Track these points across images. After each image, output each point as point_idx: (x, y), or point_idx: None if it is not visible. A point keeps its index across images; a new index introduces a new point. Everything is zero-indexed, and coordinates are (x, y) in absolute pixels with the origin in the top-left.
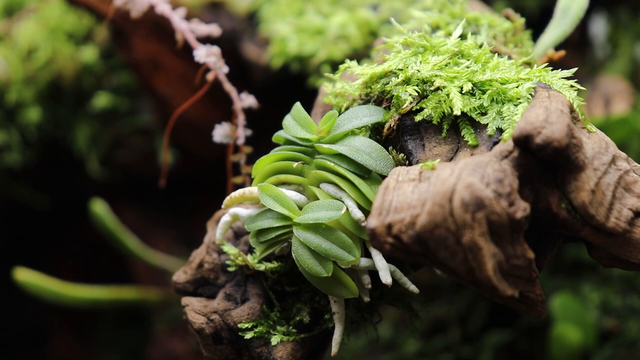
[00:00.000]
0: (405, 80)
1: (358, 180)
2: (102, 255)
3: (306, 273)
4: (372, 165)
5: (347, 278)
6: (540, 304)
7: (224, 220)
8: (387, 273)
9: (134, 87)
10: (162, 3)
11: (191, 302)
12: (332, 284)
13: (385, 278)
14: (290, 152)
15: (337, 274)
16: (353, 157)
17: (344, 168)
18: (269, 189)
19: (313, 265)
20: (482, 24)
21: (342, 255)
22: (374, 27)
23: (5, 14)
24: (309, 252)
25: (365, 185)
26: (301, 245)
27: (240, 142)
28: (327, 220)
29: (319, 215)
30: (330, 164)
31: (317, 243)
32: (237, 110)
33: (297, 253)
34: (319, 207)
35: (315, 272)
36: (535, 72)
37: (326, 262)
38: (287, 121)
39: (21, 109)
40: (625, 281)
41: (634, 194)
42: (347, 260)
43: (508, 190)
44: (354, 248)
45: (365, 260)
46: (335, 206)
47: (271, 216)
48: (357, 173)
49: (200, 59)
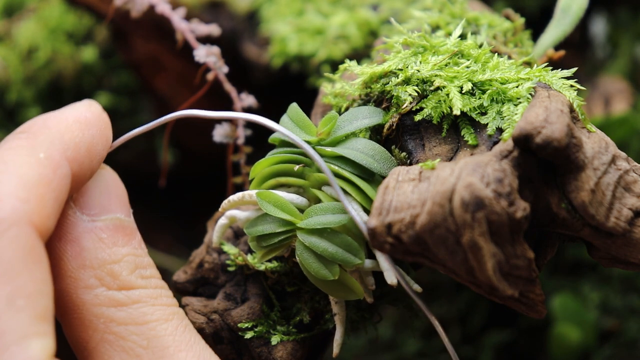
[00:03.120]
0: (405, 80)
1: (363, 183)
2: None
3: (312, 277)
4: (375, 167)
5: (353, 281)
6: (540, 304)
7: (221, 223)
8: (392, 274)
9: (134, 87)
10: (162, 3)
11: (191, 301)
12: (338, 287)
13: (390, 279)
14: (290, 155)
15: (343, 277)
16: (357, 160)
17: (348, 171)
18: (267, 195)
19: (319, 269)
20: (482, 24)
21: (348, 258)
22: (374, 26)
23: (5, 14)
24: (314, 256)
25: (370, 188)
26: (306, 249)
27: (241, 142)
28: (335, 225)
29: (325, 220)
30: (334, 167)
31: (323, 247)
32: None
33: (302, 257)
34: (323, 210)
35: (321, 275)
36: (535, 72)
37: (332, 266)
38: (285, 122)
39: (21, 109)
40: (625, 281)
41: (633, 194)
42: (353, 263)
43: (508, 190)
44: (359, 251)
45: (370, 261)
46: (340, 209)
47: (272, 221)
48: (361, 176)
49: (200, 58)
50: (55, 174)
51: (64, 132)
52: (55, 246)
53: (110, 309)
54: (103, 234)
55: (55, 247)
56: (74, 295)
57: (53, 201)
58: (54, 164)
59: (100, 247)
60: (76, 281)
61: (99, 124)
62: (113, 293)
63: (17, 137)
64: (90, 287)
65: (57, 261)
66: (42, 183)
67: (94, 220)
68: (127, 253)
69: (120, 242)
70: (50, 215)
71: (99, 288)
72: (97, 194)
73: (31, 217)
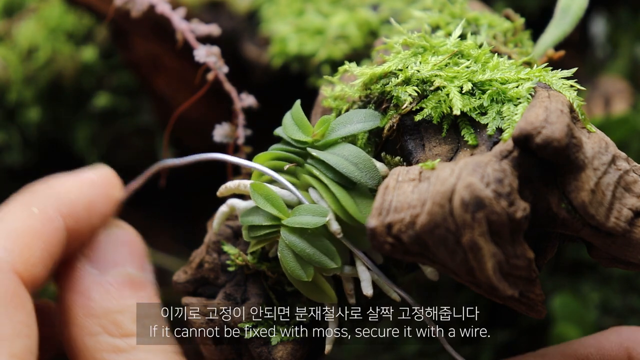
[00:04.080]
0: (405, 81)
1: (340, 191)
2: None
3: (289, 275)
4: (357, 176)
5: (326, 285)
6: (540, 304)
7: (222, 210)
8: (369, 284)
9: (134, 87)
10: (162, 3)
11: (191, 302)
12: (312, 289)
13: (366, 290)
14: (285, 153)
15: (317, 280)
16: (337, 168)
17: (327, 177)
18: (260, 187)
19: (295, 269)
20: (482, 24)
21: (324, 261)
22: (374, 26)
23: (5, 14)
24: (293, 255)
25: (347, 197)
26: (286, 247)
27: (241, 142)
28: (311, 226)
29: (304, 220)
30: (316, 171)
31: (301, 247)
32: (237, 110)
33: (282, 254)
34: (305, 211)
35: (296, 275)
36: (535, 72)
37: (308, 267)
38: (287, 120)
39: (21, 108)
40: (625, 281)
41: (633, 194)
42: (329, 267)
43: (508, 190)
44: (336, 256)
45: (349, 268)
46: (321, 212)
47: (262, 214)
48: (342, 183)
49: (200, 59)
50: (45, 226)
51: (62, 190)
52: (66, 297)
53: (110, 355)
54: (111, 286)
55: (65, 297)
56: (79, 341)
57: (41, 251)
58: (45, 218)
59: (107, 298)
60: (82, 328)
61: (104, 184)
62: (114, 340)
63: (21, 194)
64: (94, 334)
65: (67, 310)
66: (29, 234)
67: (103, 273)
68: (132, 304)
69: (127, 293)
70: (37, 264)
71: (102, 335)
72: (108, 249)
73: (15, 265)
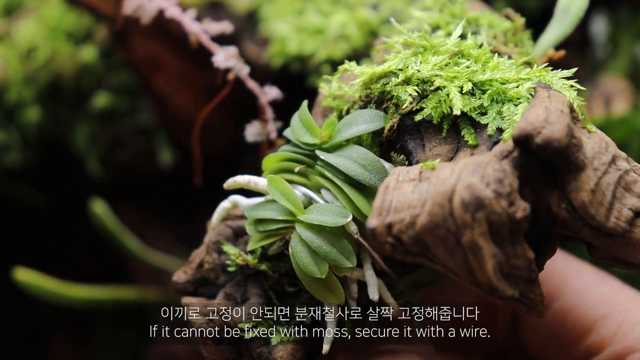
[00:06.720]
0: (405, 80)
1: (353, 193)
2: (102, 255)
3: (299, 270)
4: (366, 178)
5: (337, 284)
6: (540, 304)
7: (223, 206)
8: (375, 289)
9: (133, 87)
10: (172, 6)
11: (191, 302)
12: (321, 287)
13: (372, 294)
14: (295, 154)
15: (329, 278)
16: (346, 171)
17: (339, 179)
18: (279, 182)
19: (308, 264)
20: (482, 24)
21: (340, 260)
22: (374, 26)
23: (5, 13)
24: (308, 251)
25: (361, 198)
26: (301, 242)
27: (273, 136)
28: (332, 225)
29: (325, 219)
30: (327, 173)
31: (318, 244)
32: (263, 105)
33: (295, 249)
34: (326, 210)
35: (309, 271)
36: (536, 72)
37: (322, 264)
38: (294, 121)
39: (21, 108)
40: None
41: (634, 194)
42: (344, 266)
43: (508, 190)
44: (352, 255)
45: (357, 270)
46: (342, 213)
47: (275, 208)
48: (353, 184)
49: (220, 64)
50: None
51: None
52: None
53: None
54: None
55: None
56: None
57: None
58: None
59: None
60: None
61: None
62: None
63: None
64: None
65: None
66: None
67: None
68: None
69: None
70: None
71: None
72: None
73: None
